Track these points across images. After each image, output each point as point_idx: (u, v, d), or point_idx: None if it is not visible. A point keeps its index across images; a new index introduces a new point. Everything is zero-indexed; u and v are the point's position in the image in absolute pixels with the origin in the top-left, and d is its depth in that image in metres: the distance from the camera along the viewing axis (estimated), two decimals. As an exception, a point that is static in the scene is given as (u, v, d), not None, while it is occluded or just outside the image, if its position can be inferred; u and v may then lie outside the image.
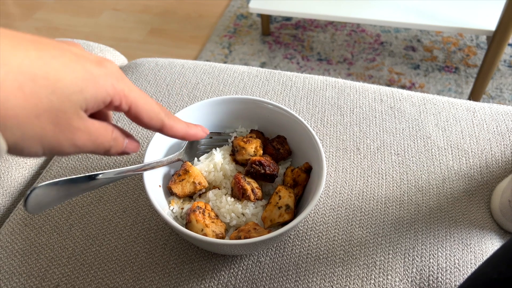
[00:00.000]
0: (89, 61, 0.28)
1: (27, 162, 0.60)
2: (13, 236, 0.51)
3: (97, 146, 0.30)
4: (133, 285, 0.46)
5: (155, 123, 0.33)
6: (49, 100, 0.25)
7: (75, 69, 0.27)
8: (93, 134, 0.29)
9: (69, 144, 0.27)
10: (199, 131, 0.39)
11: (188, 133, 0.37)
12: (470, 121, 0.62)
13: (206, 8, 1.95)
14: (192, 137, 0.38)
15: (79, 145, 0.28)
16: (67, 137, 0.27)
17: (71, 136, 0.27)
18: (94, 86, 0.27)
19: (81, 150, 0.29)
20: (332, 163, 0.57)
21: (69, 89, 0.26)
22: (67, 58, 0.27)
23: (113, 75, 0.29)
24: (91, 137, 0.29)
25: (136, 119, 0.32)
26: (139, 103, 0.31)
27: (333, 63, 1.62)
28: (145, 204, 0.53)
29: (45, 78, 0.25)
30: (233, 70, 0.70)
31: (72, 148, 0.28)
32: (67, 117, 0.26)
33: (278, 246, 0.49)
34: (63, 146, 0.27)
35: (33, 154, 0.26)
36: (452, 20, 1.37)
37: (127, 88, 0.30)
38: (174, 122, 0.35)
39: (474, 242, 0.50)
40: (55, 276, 0.47)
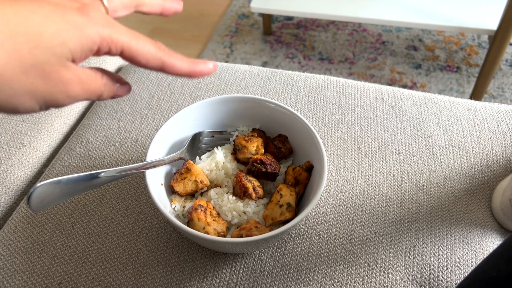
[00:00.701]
0: (71, 10, 0.28)
1: (29, 160, 0.60)
2: (16, 234, 0.51)
3: (90, 93, 0.30)
4: (135, 282, 0.46)
5: (153, 63, 0.32)
6: (33, 55, 0.25)
7: (56, 20, 0.26)
8: (85, 82, 0.29)
9: (63, 96, 0.27)
10: (205, 66, 0.35)
11: (193, 69, 0.34)
12: (471, 120, 0.62)
13: (208, 7, 1.96)
14: (198, 74, 0.35)
15: (73, 95, 0.28)
16: (60, 89, 0.27)
17: (63, 88, 0.27)
18: (78, 36, 0.27)
19: (75, 99, 0.29)
20: (333, 162, 0.57)
21: (52, 42, 0.26)
22: (47, 10, 0.26)
23: (97, 22, 0.28)
24: (83, 86, 0.29)
25: (132, 61, 0.31)
26: (132, 45, 0.30)
27: (335, 63, 1.62)
28: (147, 203, 0.53)
29: (25, 34, 0.25)
30: (234, 69, 0.70)
31: (67, 99, 0.28)
32: (55, 69, 0.26)
33: (279, 244, 0.49)
34: (57, 98, 0.27)
35: (30, 109, 0.27)
36: (453, 19, 1.37)
37: (114, 33, 0.29)
38: (175, 60, 0.33)
39: (475, 240, 0.50)
40: (58, 273, 0.47)
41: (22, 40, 0.25)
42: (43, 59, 0.25)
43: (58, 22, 0.26)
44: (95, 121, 0.63)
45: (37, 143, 0.62)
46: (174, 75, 0.35)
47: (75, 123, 0.68)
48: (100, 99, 0.32)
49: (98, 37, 0.28)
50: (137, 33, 0.31)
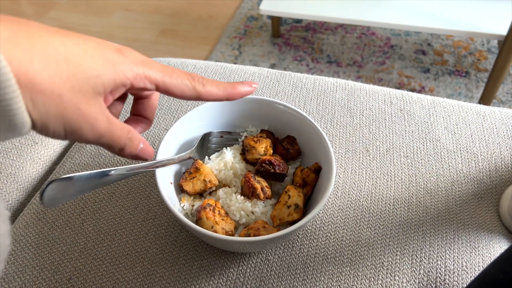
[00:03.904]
0: (109, 48, 0.30)
1: (41, 158, 0.61)
2: (27, 229, 0.52)
3: (113, 140, 0.31)
4: (143, 279, 0.47)
5: (189, 95, 0.34)
6: (70, 81, 0.27)
7: (94, 55, 0.28)
8: (112, 125, 0.30)
9: (88, 128, 0.28)
10: (243, 88, 0.37)
11: (231, 93, 0.36)
12: (480, 125, 0.62)
13: (217, 9, 1.97)
14: (237, 96, 0.37)
15: (98, 132, 0.29)
16: (87, 121, 0.28)
17: (91, 120, 0.28)
18: (112, 71, 0.29)
19: (99, 139, 0.30)
20: (341, 164, 0.57)
21: (88, 73, 0.27)
22: (89, 45, 0.28)
23: (132, 61, 0.30)
24: (109, 128, 0.30)
25: (168, 94, 0.33)
26: (166, 80, 0.32)
27: (343, 66, 1.63)
28: (156, 201, 0.53)
29: (66, 61, 0.27)
30: (244, 70, 0.71)
31: (91, 134, 0.29)
32: (87, 100, 0.28)
33: (286, 245, 0.49)
34: (83, 129, 0.28)
35: (57, 134, 0.28)
36: (463, 24, 1.36)
37: (147, 70, 0.31)
38: (210, 88, 0.35)
39: (482, 245, 0.50)
40: (67, 269, 0.48)
41: (63, 67, 0.26)
42: (78, 87, 0.27)
43: (96, 57, 0.28)
44: (106, 120, 0.64)
45: (48, 140, 0.63)
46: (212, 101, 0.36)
47: (85, 121, 0.69)
48: (121, 154, 0.33)
49: (131, 74, 0.30)
50: (171, 68, 0.33)
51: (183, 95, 0.33)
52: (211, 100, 0.35)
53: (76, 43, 0.28)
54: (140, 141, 0.34)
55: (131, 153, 0.33)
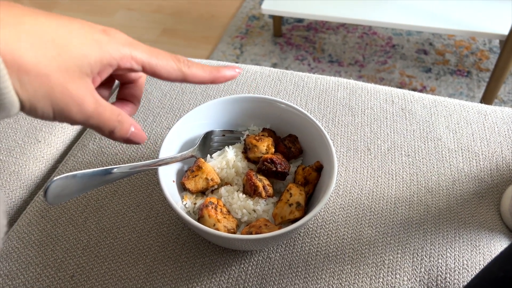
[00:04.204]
0: (95, 29, 0.30)
1: (44, 156, 0.62)
2: (30, 227, 0.52)
3: (102, 121, 0.30)
4: (145, 277, 0.47)
5: (175, 75, 0.33)
6: (57, 62, 0.27)
7: (80, 36, 0.28)
8: (100, 106, 0.30)
9: (76, 109, 0.28)
10: (228, 71, 0.37)
11: (215, 76, 0.36)
12: (481, 124, 0.62)
13: (218, 8, 1.97)
14: (221, 79, 0.36)
15: (86, 113, 0.29)
16: (75, 101, 0.28)
17: (78, 100, 0.28)
18: (98, 51, 0.29)
19: (87, 120, 0.29)
20: (343, 163, 0.58)
21: (74, 54, 0.28)
22: (74, 26, 0.29)
23: (118, 41, 0.30)
24: (98, 109, 0.30)
25: (155, 75, 0.33)
26: (152, 61, 0.32)
27: (344, 65, 1.63)
28: (158, 199, 0.54)
29: (52, 41, 0.27)
30: (245, 69, 0.71)
31: (79, 115, 0.29)
32: (74, 80, 0.27)
33: (288, 243, 0.50)
34: (71, 110, 0.28)
35: (46, 115, 0.28)
36: (464, 23, 1.36)
37: (134, 51, 0.31)
38: (196, 70, 0.34)
39: (483, 243, 0.50)
40: (70, 267, 0.48)
41: (50, 47, 0.26)
42: (65, 67, 0.27)
43: (82, 38, 0.28)
44: (108, 118, 0.64)
45: (51, 139, 0.63)
46: (197, 84, 0.36)
47: (88, 120, 0.69)
48: (111, 137, 0.32)
49: (118, 54, 0.30)
50: (156, 50, 0.33)
51: (169, 77, 0.33)
52: (196, 82, 0.35)
53: (62, 24, 0.28)
54: (131, 124, 0.33)
55: (122, 136, 0.33)
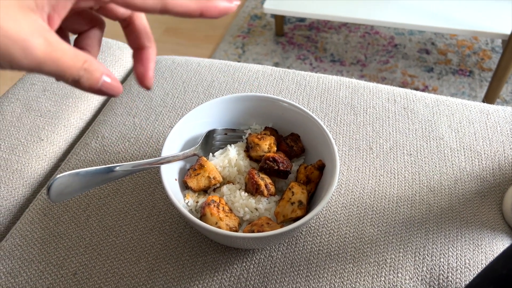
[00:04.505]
0: None
1: (46, 154, 0.62)
2: (33, 225, 0.52)
3: (60, 67, 0.24)
4: (147, 275, 0.47)
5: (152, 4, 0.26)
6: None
7: None
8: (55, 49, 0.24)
9: (20, 53, 0.23)
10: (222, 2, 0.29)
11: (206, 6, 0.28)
12: (483, 123, 0.62)
13: (220, 8, 1.97)
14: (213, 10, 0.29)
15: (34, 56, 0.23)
16: (17, 44, 0.22)
17: (22, 43, 0.22)
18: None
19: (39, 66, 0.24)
20: (345, 161, 0.58)
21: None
22: None
23: None
24: (51, 52, 0.24)
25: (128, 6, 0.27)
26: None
27: (346, 65, 1.63)
28: (160, 197, 0.54)
29: None
30: (248, 68, 0.71)
31: (25, 60, 0.23)
32: (13, 22, 0.22)
33: (290, 242, 0.50)
34: (14, 54, 0.22)
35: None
36: (467, 23, 1.36)
37: None
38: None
39: (485, 243, 0.50)
40: (73, 264, 0.48)
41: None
42: None
43: None
44: (111, 117, 0.64)
45: (54, 137, 0.63)
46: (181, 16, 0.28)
47: (91, 118, 0.69)
48: (78, 86, 0.26)
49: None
50: None
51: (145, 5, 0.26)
52: (179, 13, 0.28)
53: None
54: (103, 72, 0.27)
55: (91, 86, 0.27)
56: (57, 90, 0.68)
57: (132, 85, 0.69)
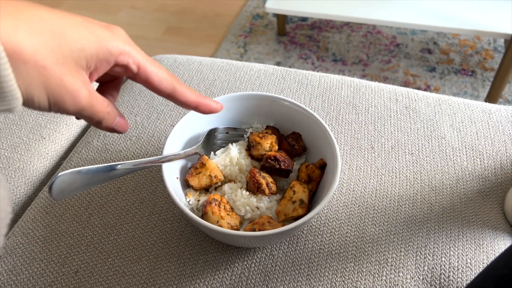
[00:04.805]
0: (97, 25, 0.30)
1: (48, 153, 0.62)
2: (35, 223, 0.52)
3: (94, 113, 0.31)
4: (149, 273, 0.47)
5: (166, 86, 0.34)
6: (54, 53, 0.27)
7: (81, 29, 0.29)
8: (93, 99, 0.30)
9: (71, 100, 0.28)
10: (212, 103, 0.39)
11: (201, 102, 0.37)
12: (485, 123, 0.62)
13: (222, 7, 1.97)
14: (205, 107, 0.38)
15: (80, 104, 0.29)
16: (69, 93, 0.28)
17: (73, 92, 0.28)
18: (97, 46, 0.29)
19: (81, 111, 0.30)
20: (346, 160, 0.57)
21: (72, 46, 0.28)
22: (76, 20, 0.29)
23: (119, 38, 0.31)
24: (91, 101, 0.30)
25: (146, 82, 0.33)
26: (148, 65, 0.33)
27: (348, 64, 1.62)
28: (162, 196, 0.54)
29: (51, 32, 0.27)
30: (249, 67, 0.71)
31: (73, 106, 0.29)
32: (69, 72, 0.28)
33: (291, 240, 0.50)
34: (65, 101, 0.28)
35: (42, 106, 0.28)
36: (469, 22, 1.36)
37: (133, 50, 0.32)
38: (185, 89, 0.36)
39: (487, 242, 0.50)
40: (74, 262, 0.49)
41: (48, 38, 0.27)
42: (62, 60, 0.27)
43: (82, 31, 0.29)
44: (113, 115, 0.64)
45: (56, 136, 0.64)
46: (181, 104, 0.36)
47: (92, 117, 0.69)
48: (98, 126, 0.33)
49: (117, 50, 0.30)
50: (153, 59, 0.34)
51: (160, 86, 0.34)
52: (181, 101, 0.36)
53: (63, 17, 0.28)
54: (117, 115, 0.34)
55: (108, 126, 0.34)
56: (59, 88, 0.69)
57: (134, 83, 0.69)
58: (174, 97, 0.35)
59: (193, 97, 0.36)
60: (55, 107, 0.28)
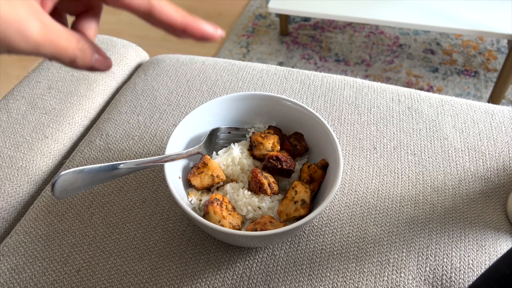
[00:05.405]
0: None
1: (51, 152, 0.62)
2: (37, 222, 0.53)
3: (56, 49, 0.25)
4: (150, 272, 0.47)
5: (138, 3, 0.27)
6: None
7: None
8: (52, 32, 0.25)
9: (18, 36, 0.23)
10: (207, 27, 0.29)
11: (190, 24, 0.29)
12: (488, 124, 0.62)
13: (225, 7, 1.97)
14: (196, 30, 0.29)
15: (32, 39, 0.24)
16: (13, 27, 0.23)
17: (18, 26, 0.23)
18: None
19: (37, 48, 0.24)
20: (348, 161, 0.57)
21: None
22: None
23: None
24: (48, 35, 0.24)
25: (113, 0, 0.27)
26: None
27: (351, 64, 1.62)
28: (164, 195, 0.54)
29: None
30: (252, 67, 0.71)
31: (24, 43, 0.24)
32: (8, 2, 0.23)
33: (292, 241, 0.50)
34: (11, 37, 0.23)
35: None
36: (472, 23, 1.36)
37: None
38: (167, 6, 0.28)
39: (489, 243, 0.50)
40: (76, 261, 0.49)
41: None
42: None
43: None
44: (115, 115, 0.64)
45: (58, 135, 0.64)
46: (163, 27, 0.29)
47: (95, 116, 0.70)
48: (74, 66, 0.27)
49: None
50: None
51: (131, 2, 0.27)
52: (162, 22, 0.28)
53: None
54: (94, 50, 0.28)
55: (85, 64, 0.28)
56: (62, 88, 0.69)
57: (136, 83, 0.69)
58: (152, 16, 0.28)
59: (177, 18, 0.28)
60: (5, 49, 0.23)
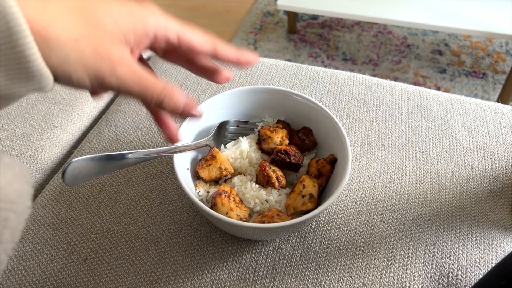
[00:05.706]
0: (130, 2, 0.30)
1: (60, 141, 0.62)
2: (45, 210, 0.53)
3: (142, 88, 0.30)
4: (157, 263, 0.48)
5: (207, 46, 0.34)
6: (85, 28, 0.27)
7: (112, 5, 0.28)
8: (137, 72, 0.29)
9: (110, 74, 0.28)
10: (250, 55, 0.38)
11: (241, 57, 0.37)
12: (497, 123, 0.61)
13: (234, 4, 1.97)
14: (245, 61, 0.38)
15: (121, 78, 0.28)
16: (107, 66, 0.27)
17: (110, 65, 0.27)
18: (131, 20, 0.29)
19: (124, 84, 0.29)
20: (357, 157, 0.57)
21: (104, 20, 0.27)
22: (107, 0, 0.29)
23: (153, 13, 0.31)
24: (134, 74, 0.29)
25: (190, 49, 0.33)
26: (186, 31, 0.33)
27: (358, 64, 1.62)
28: (172, 186, 0.54)
29: (81, 9, 0.27)
30: (261, 62, 0.71)
31: (113, 79, 0.28)
32: (105, 45, 0.27)
33: (299, 235, 0.50)
34: (104, 74, 0.27)
35: (82, 82, 0.27)
36: (481, 24, 1.35)
37: (169, 21, 0.32)
38: (224, 46, 0.36)
39: (496, 242, 0.50)
40: (84, 250, 0.49)
41: (78, 14, 0.26)
42: (95, 34, 0.27)
43: (113, 6, 0.29)
44: (124, 106, 0.64)
45: (67, 125, 0.64)
46: (224, 61, 0.36)
47: (104, 107, 0.70)
48: (161, 107, 0.32)
49: (153, 24, 0.30)
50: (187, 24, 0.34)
51: (202, 46, 0.34)
52: (223, 58, 0.36)
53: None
54: (181, 96, 0.32)
55: (171, 107, 0.32)
56: (72, 78, 0.69)
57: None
58: (216, 56, 0.35)
59: (233, 54, 0.36)
60: (96, 81, 0.27)
